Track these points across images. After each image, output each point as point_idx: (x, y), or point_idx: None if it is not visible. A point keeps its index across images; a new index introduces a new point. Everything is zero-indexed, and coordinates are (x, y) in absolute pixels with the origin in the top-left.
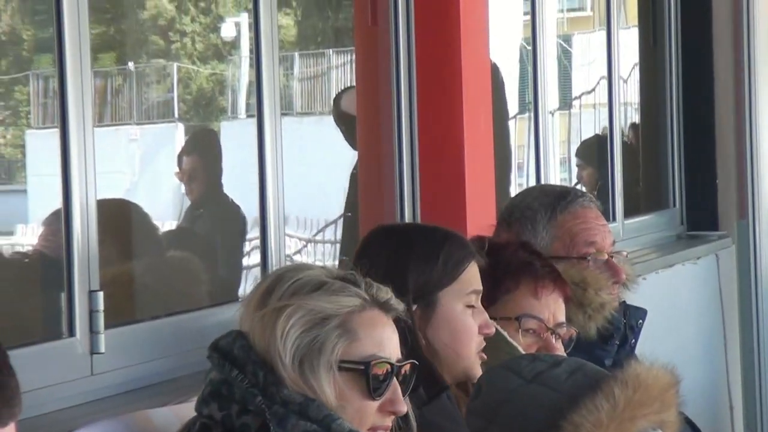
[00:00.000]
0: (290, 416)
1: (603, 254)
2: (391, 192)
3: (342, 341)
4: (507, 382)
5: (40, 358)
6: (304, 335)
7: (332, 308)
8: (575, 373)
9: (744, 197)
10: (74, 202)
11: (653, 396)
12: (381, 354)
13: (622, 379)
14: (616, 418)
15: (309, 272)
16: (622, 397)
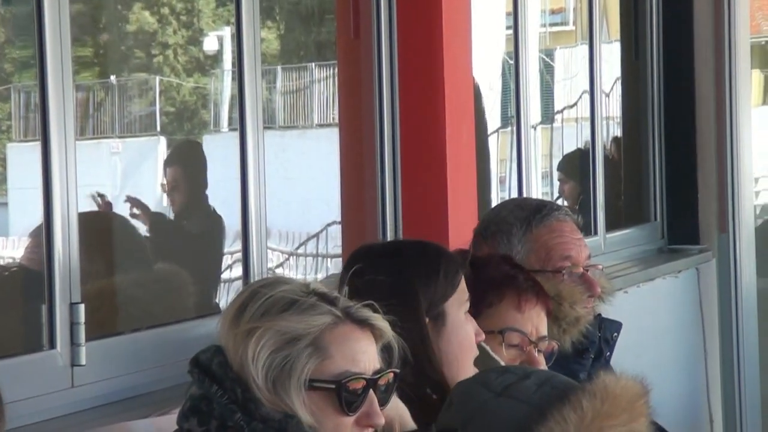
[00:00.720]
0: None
1: (578, 268)
2: (373, 204)
3: (312, 360)
4: (477, 395)
5: (20, 370)
6: (274, 356)
7: (302, 328)
8: (544, 385)
9: (725, 211)
10: (55, 215)
11: (621, 407)
12: (354, 369)
13: (590, 391)
14: (583, 430)
15: (283, 288)
16: (590, 408)
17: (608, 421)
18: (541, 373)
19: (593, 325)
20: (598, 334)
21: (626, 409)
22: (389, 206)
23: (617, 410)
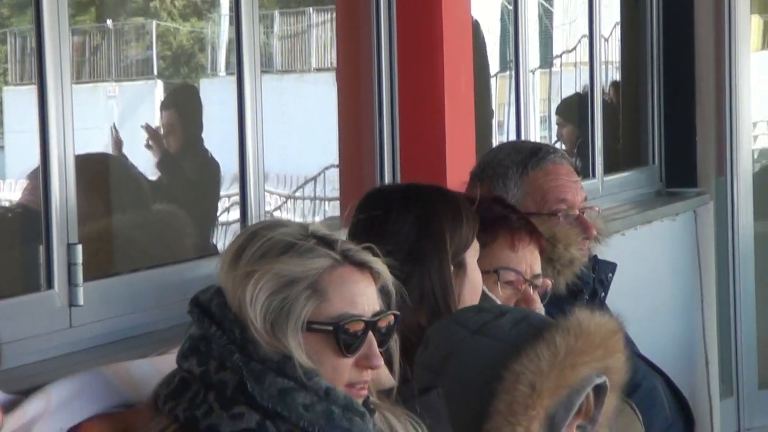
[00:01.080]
0: (267, 374)
1: (574, 210)
2: (371, 147)
3: (311, 303)
4: (453, 334)
5: (18, 311)
6: (272, 298)
7: (300, 270)
8: (519, 323)
9: (723, 155)
10: (52, 158)
11: (595, 343)
12: (353, 311)
13: (564, 327)
14: (557, 366)
15: (282, 230)
16: (564, 344)
17: (582, 357)
18: (517, 311)
19: (588, 266)
20: (593, 276)
21: (600, 345)
22: (387, 149)
23: (591, 347)
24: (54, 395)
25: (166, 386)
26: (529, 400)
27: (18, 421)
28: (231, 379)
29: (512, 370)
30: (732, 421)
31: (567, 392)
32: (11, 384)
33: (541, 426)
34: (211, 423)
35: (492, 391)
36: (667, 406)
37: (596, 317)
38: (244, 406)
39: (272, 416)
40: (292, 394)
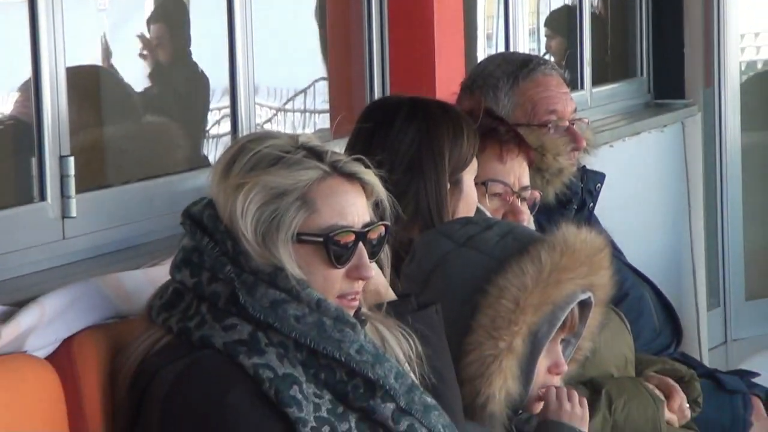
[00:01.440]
0: (259, 285)
1: (564, 121)
2: (360, 60)
3: (300, 214)
4: (440, 246)
5: (11, 222)
6: (263, 210)
7: (290, 182)
8: (505, 237)
9: (710, 66)
10: (43, 70)
11: (580, 260)
12: (342, 222)
13: (550, 243)
14: (541, 282)
15: (271, 143)
16: (549, 261)
17: (566, 274)
18: (504, 224)
19: (576, 176)
20: (581, 185)
21: (585, 262)
22: (376, 61)
23: (575, 263)
24: (48, 306)
25: (159, 298)
26: (513, 316)
27: (12, 333)
28: (223, 291)
29: (496, 284)
30: (719, 332)
31: (551, 309)
32: (5, 296)
33: (524, 342)
34: (203, 334)
35: (476, 305)
36: (655, 316)
37: (582, 233)
38: (237, 317)
39: (264, 327)
40: (283, 306)
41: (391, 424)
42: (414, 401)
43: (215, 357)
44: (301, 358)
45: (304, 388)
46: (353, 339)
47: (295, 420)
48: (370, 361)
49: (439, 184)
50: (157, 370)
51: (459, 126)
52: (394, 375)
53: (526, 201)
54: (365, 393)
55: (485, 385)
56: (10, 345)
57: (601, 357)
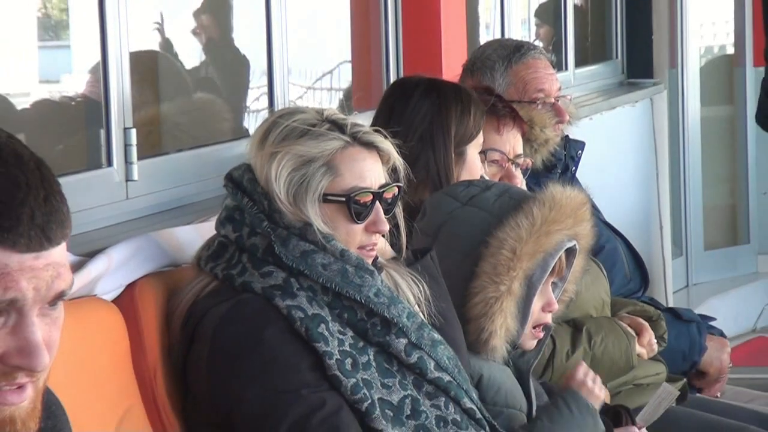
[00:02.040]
0: (291, 238)
1: (550, 98)
2: (378, 46)
3: (326, 178)
4: (446, 205)
5: (83, 185)
6: (293, 174)
7: (316, 151)
8: (502, 196)
9: (675, 50)
10: (110, 54)
11: (566, 213)
12: (362, 185)
13: (540, 200)
14: (534, 233)
15: (300, 116)
16: (540, 215)
17: (555, 226)
18: (500, 185)
19: (560, 145)
20: (564, 153)
21: (570, 215)
22: (392, 48)
23: (563, 216)
24: (114, 256)
25: (207, 249)
26: (511, 263)
27: (84, 279)
28: (261, 243)
29: (496, 237)
30: (682, 278)
31: (543, 255)
32: (78, 248)
33: (521, 285)
34: (244, 280)
35: (479, 254)
36: (626, 265)
37: (567, 191)
38: (273, 266)
39: (296, 274)
40: (312, 255)
41: (404, 357)
42: (423, 337)
43: (255, 299)
44: (327, 300)
45: (330, 327)
46: (371, 284)
47: (323, 353)
48: (386, 302)
49: (446, 153)
50: (206, 310)
51: (467, 106)
52: (407, 315)
53: (519, 167)
54: (382, 330)
55: (488, 322)
56: (82, 290)
57: (582, 300)
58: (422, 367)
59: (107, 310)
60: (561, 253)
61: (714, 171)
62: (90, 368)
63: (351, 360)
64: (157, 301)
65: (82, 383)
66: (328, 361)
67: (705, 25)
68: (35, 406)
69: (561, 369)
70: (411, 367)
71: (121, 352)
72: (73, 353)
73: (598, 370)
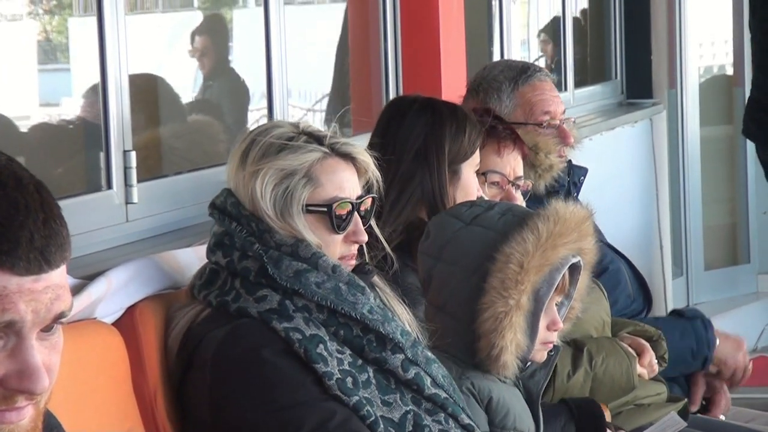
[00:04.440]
0: (284, 258)
1: (555, 120)
2: (378, 67)
3: (307, 189)
4: (450, 225)
5: (83, 207)
6: (277, 189)
7: (296, 164)
8: (506, 214)
9: (674, 70)
10: (110, 77)
11: (571, 227)
12: (341, 195)
13: (544, 215)
14: (540, 247)
15: (276, 132)
16: (545, 229)
17: (560, 239)
18: (503, 204)
19: (564, 171)
20: (567, 179)
21: (575, 229)
22: (391, 68)
23: (567, 230)
24: (114, 279)
25: (199, 277)
26: (519, 277)
27: (84, 302)
28: (253, 266)
29: (503, 252)
30: (682, 297)
31: (549, 269)
32: (78, 270)
33: (529, 299)
34: (240, 306)
35: (486, 270)
36: (629, 286)
37: (570, 206)
38: (267, 288)
39: (290, 294)
40: (305, 274)
41: (401, 372)
42: (418, 354)
43: (252, 323)
44: (322, 318)
45: (329, 346)
46: (364, 301)
47: (323, 374)
48: (380, 319)
49: (440, 171)
50: (203, 336)
51: (462, 124)
52: (400, 332)
53: (519, 189)
54: (377, 346)
55: (499, 337)
56: (82, 313)
57: (582, 320)
58: (419, 383)
59: (107, 332)
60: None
61: (714, 191)
62: (90, 391)
63: (351, 378)
64: (157, 324)
65: (83, 406)
66: (328, 382)
67: (704, 45)
68: (36, 425)
69: (562, 390)
70: (408, 383)
71: (122, 375)
72: (73, 376)
73: (599, 391)
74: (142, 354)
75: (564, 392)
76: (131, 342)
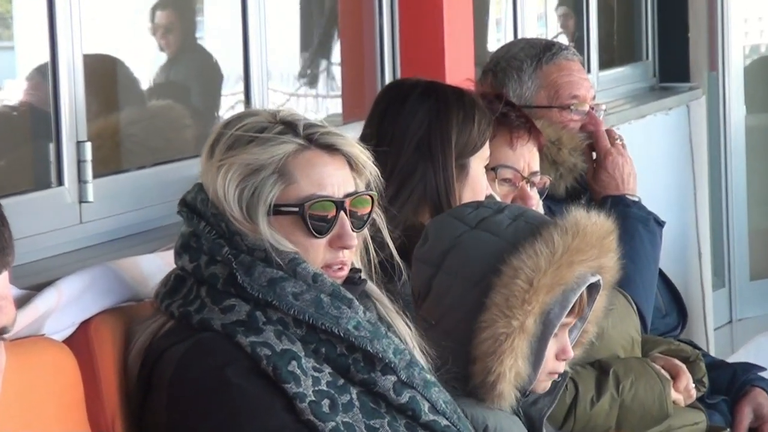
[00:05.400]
0: (256, 264)
1: (585, 105)
2: (371, 46)
3: (277, 186)
4: (452, 229)
5: (30, 207)
6: (242, 186)
7: (265, 158)
8: (517, 220)
9: (714, 50)
10: (61, 57)
11: (591, 243)
12: (321, 193)
13: (561, 226)
14: (554, 264)
15: (249, 121)
16: (561, 243)
17: (578, 256)
18: (515, 208)
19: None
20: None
21: (596, 245)
22: (387, 48)
23: (587, 246)
24: (65, 290)
25: (164, 285)
26: (526, 296)
27: (30, 316)
28: (221, 272)
29: (511, 265)
30: (724, 312)
31: (562, 290)
32: (23, 279)
33: (536, 322)
34: (203, 317)
35: (489, 284)
36: (661, 298)
37: (592, 217)
38: (235, 298)
39: (263, 306)
40: (281, 283)
41: (393, 396)
42: (414, 376)
43: (214, 338)
44: (300, 334)
45: (303, 363)
46: (350, 316)
47: (293, 395)
48: (368, 336)
49: (446, 166)
50: (162, 352)
51: (470, 112)
52: (393, 350)
53: (535, 186)
54: (365, 366)
55: (497, 362)
56: (28, 328)
57: (608, 338)
58: (415, 409)
59: (57, 351)
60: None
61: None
62: (38, 418)
63: (329, 401)
64: (115, 341)
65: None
66: (299, 405)
67: (750, 21)
68: None
69: (584, 418)
70: (402, 408)
71: (74, 400)
72: (17, 400)
73: (627, 419)
74: (98, 376)
75: (587, 421)
76: (85, 362)
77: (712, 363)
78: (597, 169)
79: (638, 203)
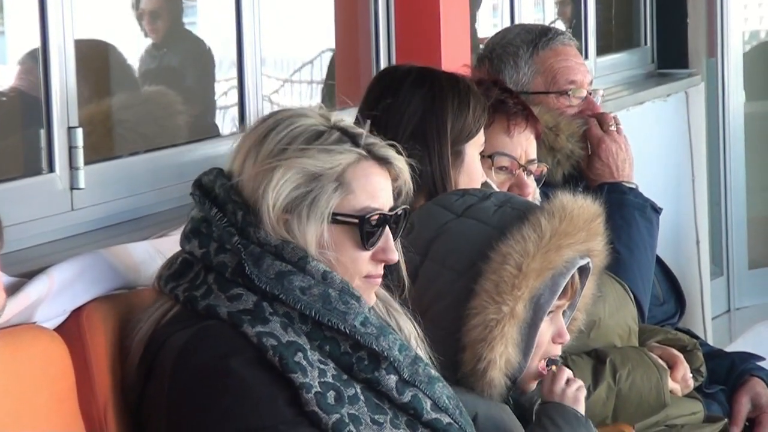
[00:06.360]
0: (265, 257)
1: (582, 91)
2: (366, 31)
3: (336, 195)
4: (438, 217)
5: (20, 194)
6: (298, 190)
7: (327, 165)
8: (503, 206)
9: (713, 36)
10: (52, 42)
11: (579, 226)
12: (374, 205)
13: (548, 210)
14: (542, 248)
15: (305, 121)
16: (549, 227)
17: (566, 240)
18: (500, 194)
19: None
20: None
21: (583, 228)
22: (382, 33)
23: (574, 229)
24: (56, 277)
25: (168, 267)
26: (516, 281)
27: (21, 304)
28: (230, 261)
29: (499, 251)
30: (722, 301)
31: (551, 274)
32: (14, 267)
33: (526, 308)
34: (209, 303)
35: (478, 271)
36: (658, 285)
37: (579, 201)
38: (242, 287)
39: (270, 299)
40: (289, 277)
41: (395, 395)
42: (418, 373)
43: (219, 326)
44: (305, 330)
45: (309, 355)
46: (358, 311)
47: (300, 385)
48: (374, 333)
49: (442, 153)
50: (165, 339)
51: (465, 98)
52: (398, 347)
53: (532, 174)
54: (369, 365)
55: (487, 349)
56: (19, 316)
57: (605, 327)
58: (417, 407)
59: (49, 339)
60: (573, 272)
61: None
62: (28, 407)
63: (334, 393)
64: (107, 330)
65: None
66: (305, 396)
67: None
68: None
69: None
70: (404, 407)
71: (66, 389)
72: (8, 390)
73: (624, 409)
74: (89, 365)
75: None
76: (77, 351)
77: (709, 352)
78: (591, 157)
79: (634, 190)
